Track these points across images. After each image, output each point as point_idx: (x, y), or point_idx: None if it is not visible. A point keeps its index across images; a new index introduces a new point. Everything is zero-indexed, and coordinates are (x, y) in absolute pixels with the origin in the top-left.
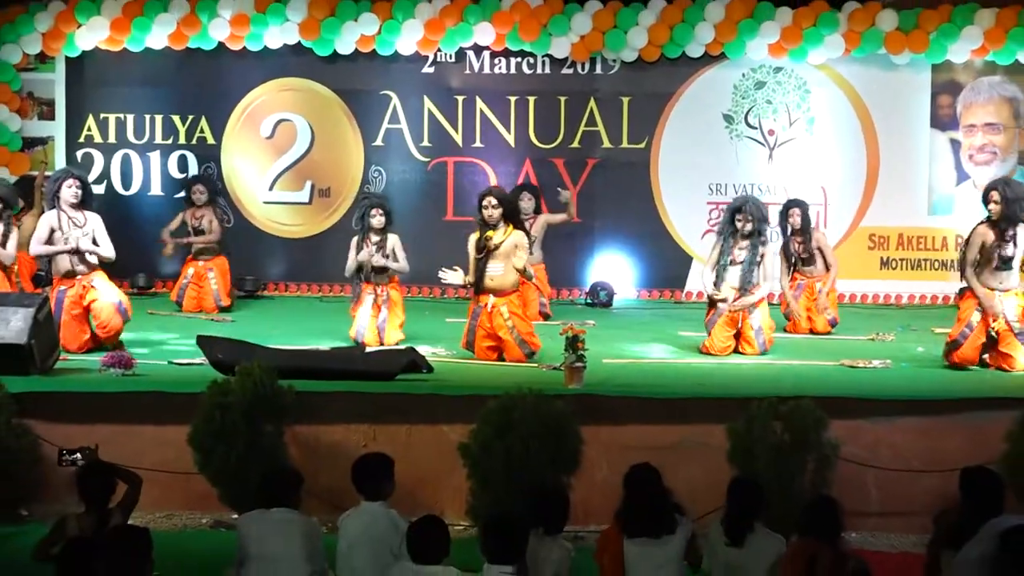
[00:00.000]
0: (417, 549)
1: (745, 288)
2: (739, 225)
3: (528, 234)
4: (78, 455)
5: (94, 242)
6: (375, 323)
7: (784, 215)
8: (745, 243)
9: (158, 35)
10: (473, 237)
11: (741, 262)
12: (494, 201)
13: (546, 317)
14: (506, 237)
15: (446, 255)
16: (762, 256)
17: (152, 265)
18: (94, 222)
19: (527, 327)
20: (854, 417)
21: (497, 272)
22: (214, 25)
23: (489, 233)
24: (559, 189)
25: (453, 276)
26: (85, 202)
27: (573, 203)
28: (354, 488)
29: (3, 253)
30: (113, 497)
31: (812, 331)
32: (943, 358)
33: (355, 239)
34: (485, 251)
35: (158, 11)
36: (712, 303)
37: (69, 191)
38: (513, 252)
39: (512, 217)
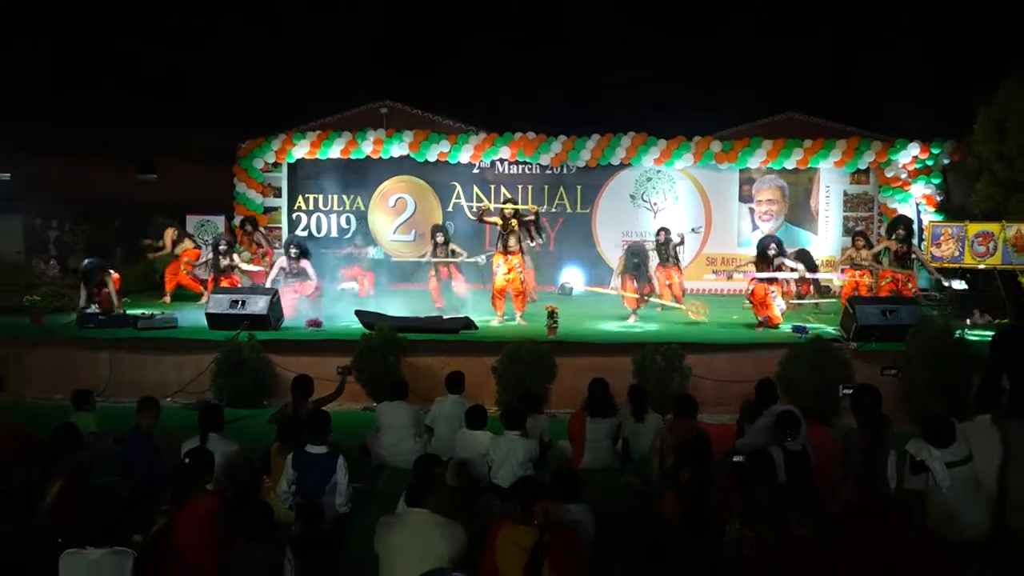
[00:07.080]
0: (470, 421)
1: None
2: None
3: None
4: (343, 371)
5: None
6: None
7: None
8: (635, 259)
9: (335, 150)
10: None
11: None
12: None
13: (533, 301)
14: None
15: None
16: (645, 266)
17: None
18: (304, 264)
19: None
20: (699, 353)
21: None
22: (364, 144)
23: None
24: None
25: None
26: (303, 254)
27: (544, 224)
28: (445, 387)
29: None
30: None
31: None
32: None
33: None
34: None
35: (335, 137)
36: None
37: (290, 248)
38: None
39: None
